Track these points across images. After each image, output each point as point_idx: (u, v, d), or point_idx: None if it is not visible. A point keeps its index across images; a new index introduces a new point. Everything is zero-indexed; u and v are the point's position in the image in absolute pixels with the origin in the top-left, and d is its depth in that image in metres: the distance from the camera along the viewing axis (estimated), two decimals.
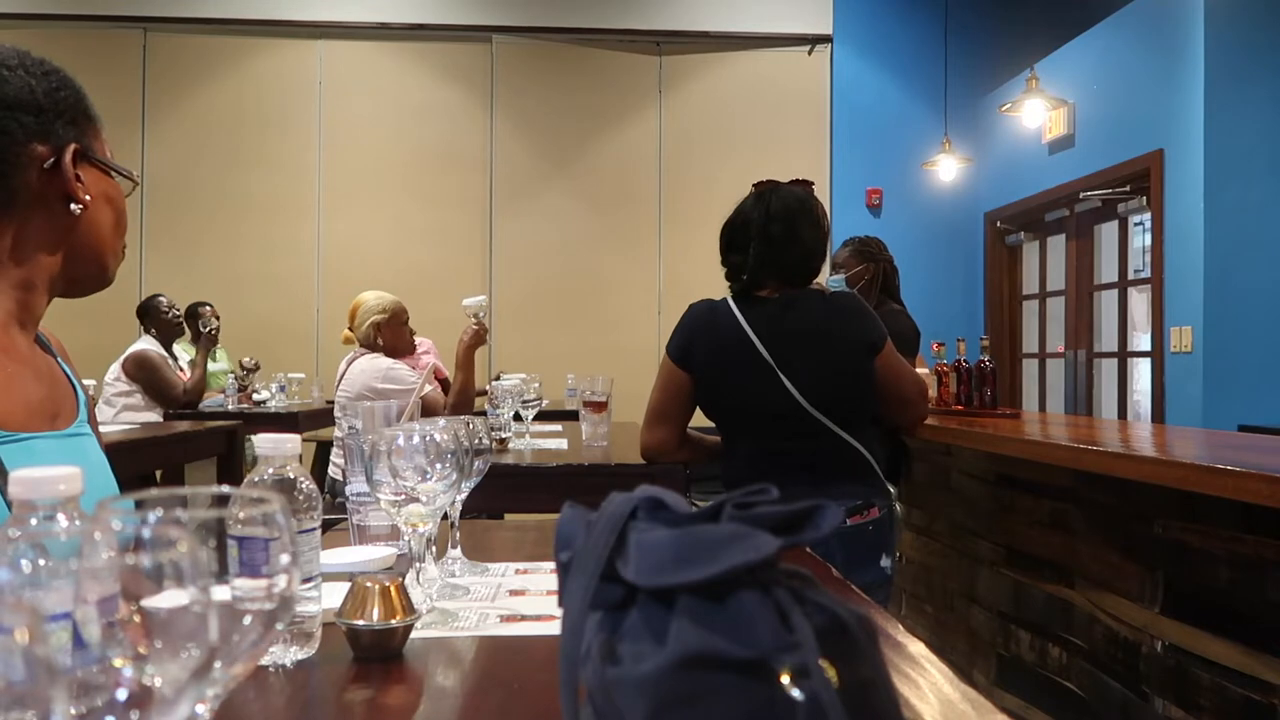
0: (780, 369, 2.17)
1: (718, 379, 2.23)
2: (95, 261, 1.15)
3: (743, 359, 2.19)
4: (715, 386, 2.24)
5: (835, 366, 2.22)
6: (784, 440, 2.21)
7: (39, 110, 1.07)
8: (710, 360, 2.23)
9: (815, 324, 2.23)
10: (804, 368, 2.18)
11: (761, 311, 2.23)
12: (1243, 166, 4.66)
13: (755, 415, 2.23)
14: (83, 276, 1.16)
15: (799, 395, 2.17)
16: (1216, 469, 1.86)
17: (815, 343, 2.21)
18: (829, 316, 2.25)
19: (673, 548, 0.53)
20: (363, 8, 6.74)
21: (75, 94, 1.12)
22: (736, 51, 6.94)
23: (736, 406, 2.24)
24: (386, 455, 1.08)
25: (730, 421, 2.29)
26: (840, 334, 2.24)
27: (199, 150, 6.64)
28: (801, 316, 2.23)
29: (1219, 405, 4.58)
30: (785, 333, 2.20)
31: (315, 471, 5.32)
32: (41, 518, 0.58)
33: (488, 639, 1.01)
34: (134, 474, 3.42)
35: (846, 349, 2.24)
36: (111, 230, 1.16)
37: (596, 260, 6.86)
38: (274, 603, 0.51)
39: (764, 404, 2.20)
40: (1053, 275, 6.46)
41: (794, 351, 2.19)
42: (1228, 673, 1.97)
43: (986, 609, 3.05)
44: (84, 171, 1.10)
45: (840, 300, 2.30)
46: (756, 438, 2.25)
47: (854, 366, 2.24)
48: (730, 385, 2.22)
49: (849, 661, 0.51)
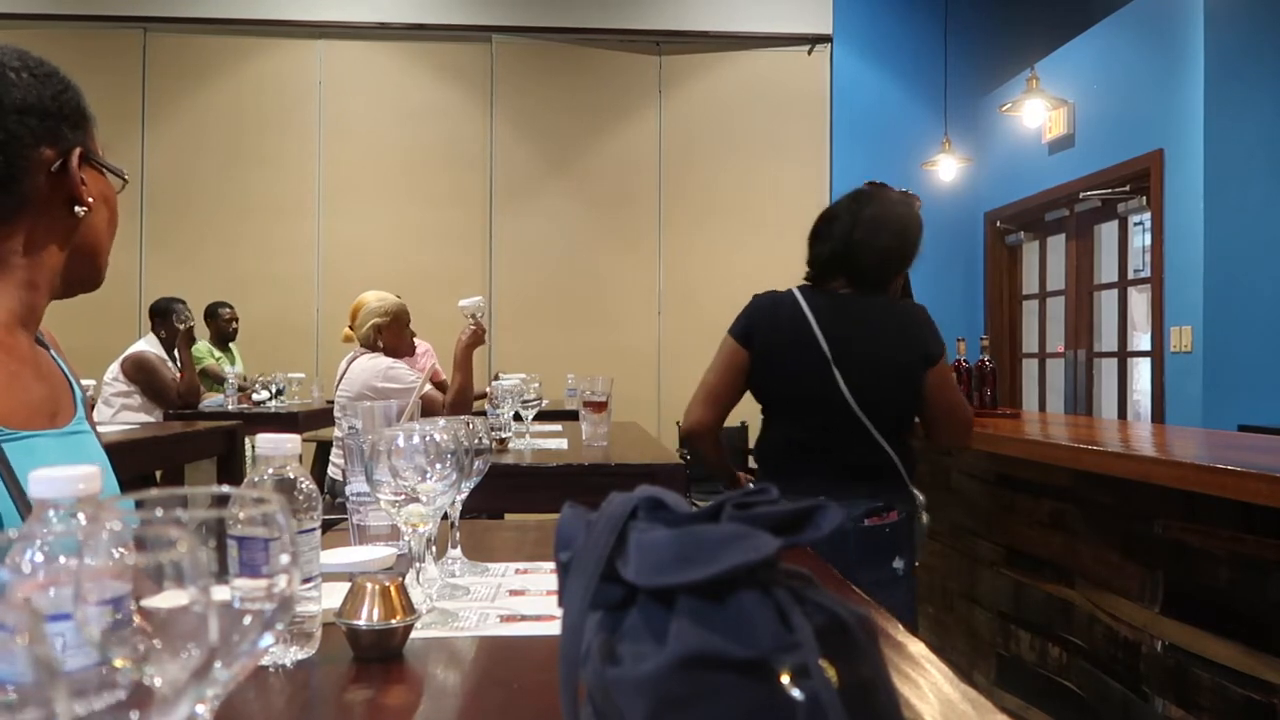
0: (834, 362, 2.20)
1: (772, 361, 2.26)
2: (92, 261, 1.16)
3: (799, 345, 2.22)
4: (769, 368, 2.27)
5: (887, 370, 2.25)
6: (821, 431, 2.24)
7: (45, 114, 1.07)
8: (769, 341, 2.26)
9: (877, 325, 2.27)
10: (857, 365, 2.21)
11: (827, 304, 2.26)
12: (1243, 166, 4.66)
13: (800, 402, 2.26)
14: (80, 277, 1.16)
15: (846, 391, 2.20)
16: (1216, 469, 1.86)
17: (872, 343, 2.25)
18: (892, 321, 2.29)
19: (673, 548, 0.53)
20: (363, 8, 6.74)
21: (75, 95, 1.12)
22: (736, 51, 6.94)
23: (784, 391, 2.28)
24: (386, 455, 1.08)
25: (775, 404, 2.32)
26: (899, 340, 2.27)
27: (199, 150, 6.64)
28: (865, 316, 2.27)
29: (1219, 405, 4.58)
30: (846, 328, 2.23)
31: (315, 471, 5.32)
32: (61, 516, 0.58)
33: (488, 639, 1.01)
34: (134, 474, 3.42)
35: (902, 355, 2.27)
36: (106, 230, 1.17)
37: (596, 260, 6.86)
38: (274, 603, 0.51)
39: (810, 393, 2.23)
40: (1053, 275, 6.46)
41: (850, 348, 2.21)
42: (1228, 673, 1.97)
43: (986, 609, 3.05)
44: (85, 173, 1.10)
45: (907, 308, 2.35)
46: (796, 424, 2.27)
47: (906, 374, 2.27)
48: (783, 369, 2.25)
49: (849, 661, 0.51)
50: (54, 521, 0.58)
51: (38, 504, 0.59)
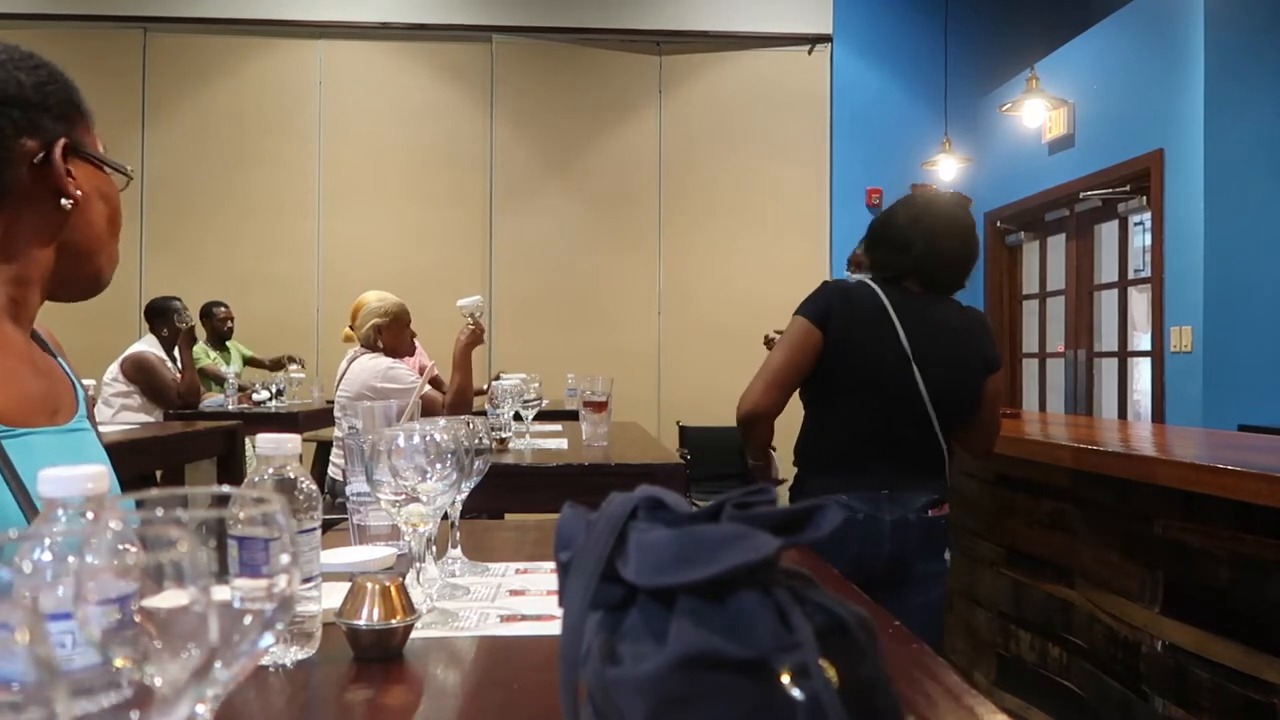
0: (914, 359, 2.23)
1: (851, 348, 2.24)
2: (89, 260, 1.13)
3: (880, 337, 2.24)
4: (846, 354, 2.24)
5: (957, 371, 2.30)
6: (891, 423, 2.26)
7: (27, 105, 1.05)
8: (848, 328, 2.24)
9: (950, 327, 2.31)
10: (932, 363, 2.24)
11: (905, 301, 2.28)
12: (1243, 166, 4.66)
13: (875, 393, 2.25)
14: (76, 276, 1.14)
15: (924, 388, 2.23)
16: (1216, 469, 1.86)
17: (946, 343, 2.28)
18: (963, 325, 2.34)
19: (673, 548, 0.53)
20: (363, 8, 6.74)
21: (64, 88, 1.10)
22: (736, 51, 6.94)
23: (861, 380, 2.26)
24: (386, 455, 1.08)
25: (844, 394, 2.28)
26: (969, 344, 2.33)
27: (199, 150, 6.64)
28: (939, 317, 2.31)
29: (1219, 405, 4.58)
30: (922, 327, 2.26)
31: (315, 471, 5.32)
32: (70, 515, 0.58)
33: (488, 639, 1.01)
34: (134, 474, 3.42)
35: (972, 359, 2.33)
36: (105, 227, 1.14)
37: (596, 260, 6.86)
38: (274, 603, 0.51)
39: (887, 386, 2.24)
40: (1053, 275, 6.46)
41: (927, 345, 2.24)
42: (1228, 673, 1.97)
43: (986, 609, 3.05)
44: (75, 166, 1.09)
45: (973, 314, 2.40)
46: (865, 416, 2.27)
47: (972, 377, 2.33)
48: (862, 357, 2.24)
49: (849, 661, 0.51)
50: (63, 520, 0.58)
51: (47, 503, 0.59)
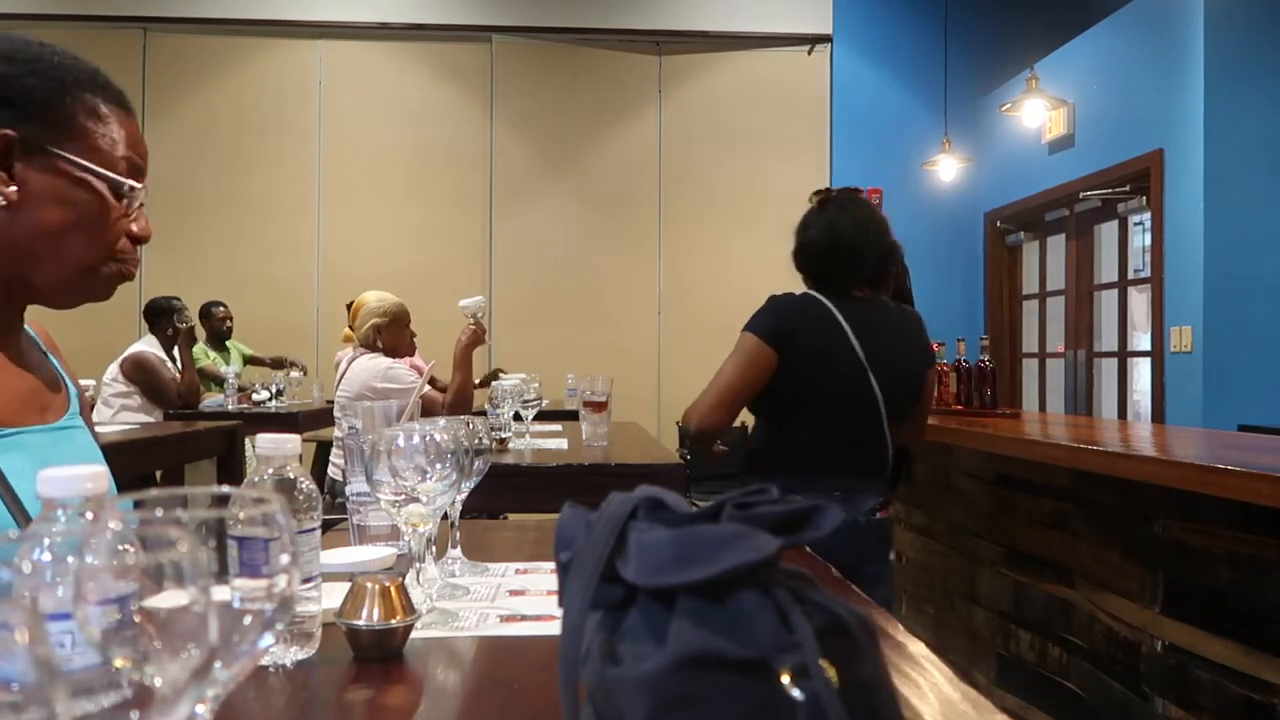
0: (869, 366, 2.28)
1: (809, 362, 2.27)
2: (36, 265, 1.04)
3: (837, 349, 2.27)
4: (803, 369, 2.28)
5: (906, 371, 2.37)
6: (848, 430, 2.30)
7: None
8: (804, 342, 2.27)
9: (893, 328, 2.37)
10: (885, 367, 2.30)
11: (851, 308, 2.32)
12: (1243, 166, 4.66)
13: (835, 404, 2.30)
14: (45, 284, 1.06)
15: (879, 391, 2.29)
16: (1216, 469, 1.86)
17: (895, 345, 2.35)
18: (903, 323, 2.41)
19: (673, 548, 0.53)
20: (363, 8, 6.74)
21: (52, 85, 1.03)
22: (736, 51, 6.94)
23: (820, 393, 2.29)
24: (386, 455, 1.08)
25: (804, 405, 2.31)
26: (911, 342, 2.40)
27: (199, 150, 6.64)
28: (882, 319, 2.36)
29: (1219, 405, 4.58)
30: (871, 332, 2.30)
31: (315, 471, 5.32)
32: (70, 515, 0.58)
33: (488, 639, 1.01)
34: (134, 474, 3.42)
35: (914, 358, 2.40)
36: (65, 235, 1.03)
37: (596, 260, 6.86)
38: (274, 603, 0.51)
39: (848, 396, 2.29)
40: (1053, 275, 6.46)
41: (880, 351, 2.30)
42: (1228, 673, 1.97)
43: (986, 609, 3.05)
44: (34, 167, 1.01)
45: (908, 310, 2.45)
46: (824, 426, 2.30)
47: (917, 374, 2.41)
48: (823, 372, 2.28)
49: (849, 661, 0.51)
50: (62, 521, 0.58)
51: (45, 503, 0.59)
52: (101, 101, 1.07)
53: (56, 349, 1.23)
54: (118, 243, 1.09)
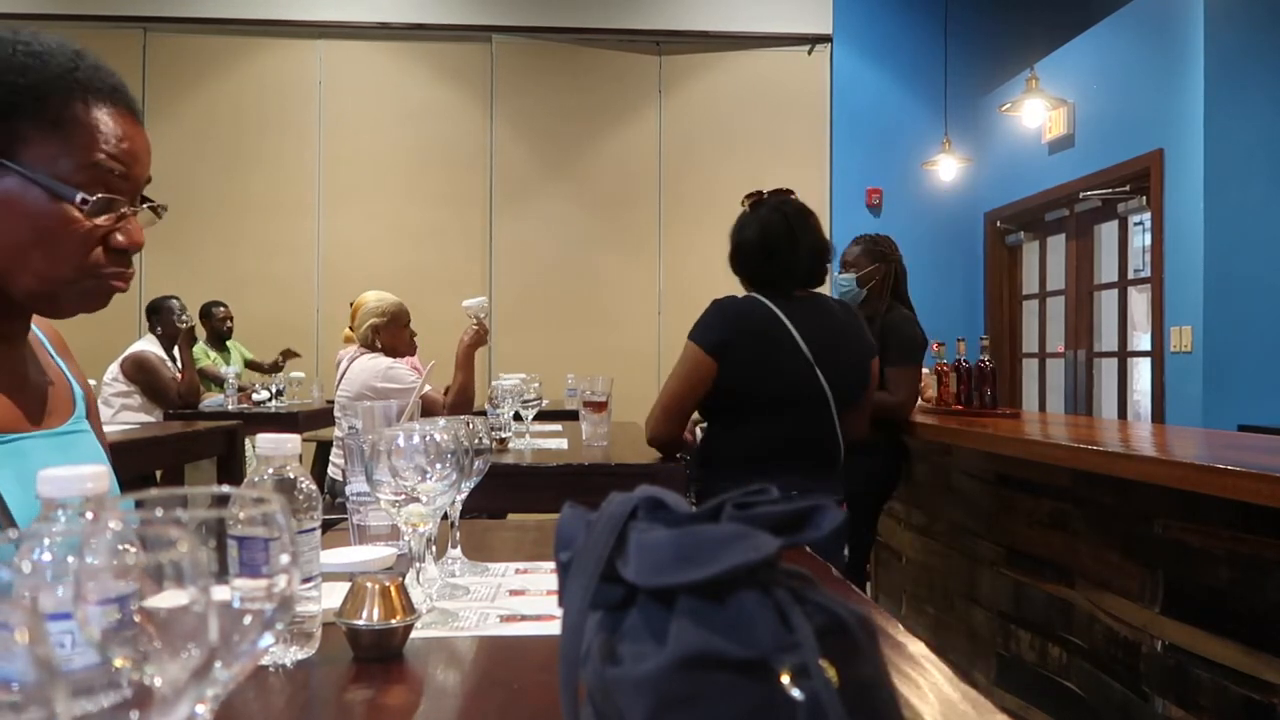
0: (817, 364, 2.34)
1: (754, 364, 2.33)
2: (20, 282, 1.00)
3: (782, 349, 2.33)
4: (748, 372, 2.33)
5: (852, 365, 2.45)
6: (800, 429, 2.37)
7: None
8: (748, 347, 2.33)
9: (839, 324, 2.43)
10: (832, 364, 2.36)
11: (793, 307, 2.37)
12: (1243, 166, 4.65)
13: (785, 405, 2.35)
14: (22, 298, 1.02)
15: (827, 387, 2.36)
16: (1216, 469, 1.86)
17: (839, 341, 2.41)
18: (844, 318, 2.48)
19: (673, 548, 0.53)
20: (363, 8, 6.74)
21: (6, 89, 0.96)
22: (736, 51, 6.94)
23: (770, 394, 2.35)
24: (386, 455, 1.08)
25: (754, 407, 2.37)
26: (854, 336, 2.48)
27: (199, 150, 6.64)
28: (826, 315, 2.42)
29: (1219, 405, 4.58)
30: (815, 329, 2.36)
31: (315, 471, 5.32)
32: (70, 516, 0.58)
33: (488, 639, 1.01)
34: (134, 474, 3.42)
35: (859, 350, 2.48)
36: (25, 251, 0.98)
37: (596, 261, 6.86)
38: (274, 603, 0.51)
39: (798, 394, 2.35)
40: (1053, 275, 6.46)
41: (825, 348, 2.36)
42: (1228, 673, 1.97)
43: (986, 609, 3.05)
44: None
45: (846, 305, 2.53)
46: (775, 425, 2.36)
47: (862, 367, 2.48)
48: (766, 372, 2.34)
49: (849, 661, 0.51)
50: (62, 521, 0.58)
51: (45, 503, 0.59)
52: (78, 101, 0.99)
53: (67, 352, 1.21)
54: (89, 257, 1.00)
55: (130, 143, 1.03)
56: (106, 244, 1.01)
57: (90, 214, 0.99)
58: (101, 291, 1.03)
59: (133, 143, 1.04)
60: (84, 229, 0.99)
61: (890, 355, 3.22)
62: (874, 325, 3.32)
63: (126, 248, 1.03)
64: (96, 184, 0.99)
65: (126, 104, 1.04)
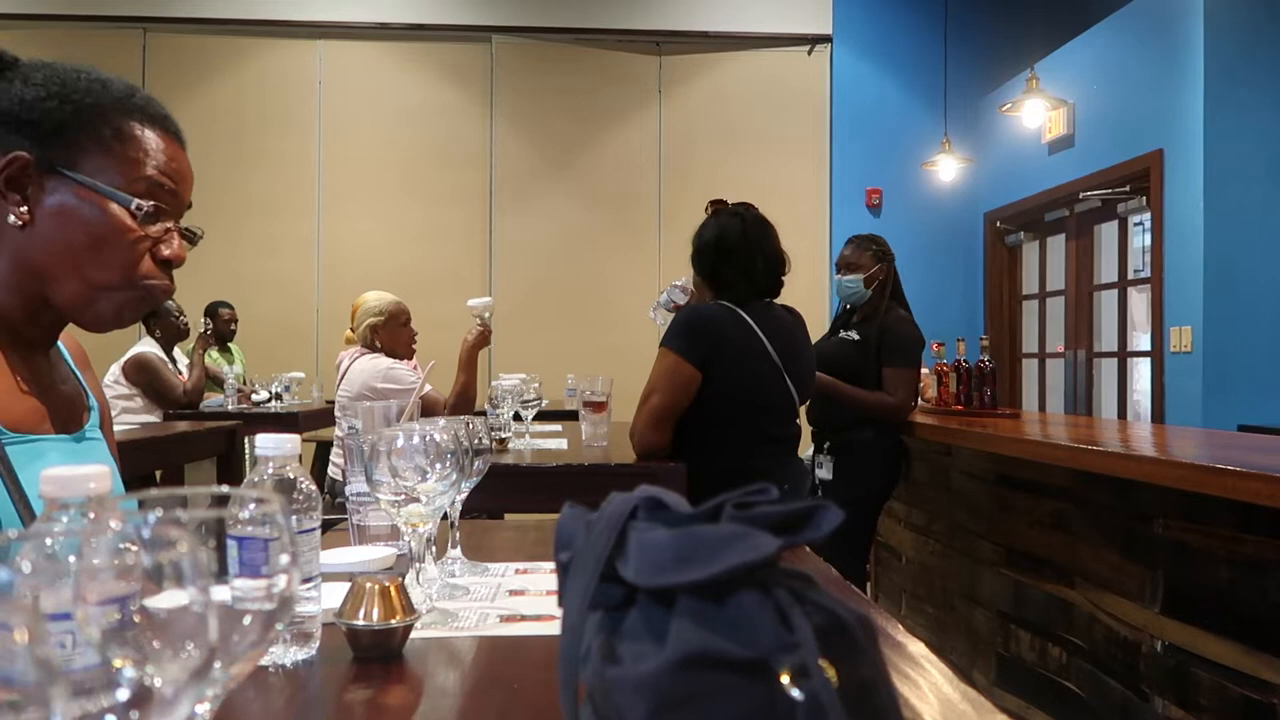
0: (784, 369, 2.49)
1: (733, 375, 2.46)
2: (51, 283, 1.05)
3: (757, 359, 2.47)
4: (728, 381, 2.46)
5: (809, 369, 2.63)
6: (771, 429, 2.53)
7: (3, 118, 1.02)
8: (728, 357, 2.45)
9: (792, 330, 2.59)
10: (795, 368, 2.53)
11: (761, 316, 2.51)
12: (1243, 166, 4.65)
13: (760, 410, 2.50)
14: (64, 304, 1.06)
15: (794, 390, 2.53)
16: (1216, 469, 1.86)
17: (797, 345, 2.58)
18: (795, 322, 2.63)
19: (673, 548, 0.53)
20: (363, 8, 6.74)
21: (69, 108, 1.04)
22: (736, 51, 6.94)
23: (747, 400, 2.48)
24: (386, 455, 1.08)
25: (736, 412, 2.49)
26: (806, 340, 2.66)
27: (199, 150, 6.48)
28: (785, 321, 2.58)
29: (1219, 405, 4.58)
30: (781, 336, 2.52)
31: (315, 471, 5.32)
32: (73, 516, 0.58)
33: (488, 639, 1.01)
34: (134, 474, 3.42)
35: (809, 354, 2.66)
36: (78, 256, 1.03)
37: (596, 260, 6.86)
38: (274, 603, 0.51)
39: (771, 400, 2.50)
40: (1053, 275, 6.45)
41: (789, 353, 2.52)
42: (1228, 673, 1.97)
43: (986, 609, 3.05)
44: (47, 189, 1.02)
45: (793, 311, 2.67)
46: (757, 427, 2.50)
47: (813, 371, 2.68)
48: (744, 381, 2.47)
49: (849, 661, 0.51)
50: (63, 521, 0.58)
51: (48, 503, 0.59)
52: (134, 122, 1.07)
53: (87, 366, 1.25)
54: (138, 265, 1.06)
55: (178, 164, 1.11)
56: (153, 255, 1.08)
57: (143, 222, 1.05)
58: (139, 302, 1.08)
59: (180, 165, 1.12)
60: (135, 236, 1.05)
61: (889, 356, 3.22)
62: (873, 326, 3.32)
63: (171, 259, 1.09)
64: (148, 196, 1.06)
65: (175, 132, 1.14)
